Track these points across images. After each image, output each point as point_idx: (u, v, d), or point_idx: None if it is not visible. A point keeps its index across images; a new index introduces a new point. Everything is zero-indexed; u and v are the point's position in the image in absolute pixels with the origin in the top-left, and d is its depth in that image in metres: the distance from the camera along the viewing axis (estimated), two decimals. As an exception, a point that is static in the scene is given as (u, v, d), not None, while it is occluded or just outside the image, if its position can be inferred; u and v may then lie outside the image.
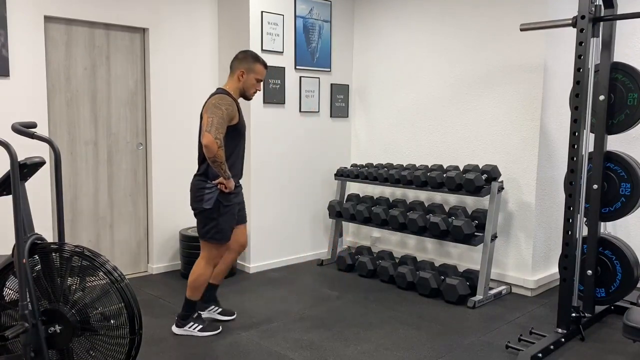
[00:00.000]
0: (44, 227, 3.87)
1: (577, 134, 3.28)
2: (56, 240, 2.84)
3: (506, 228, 4.36)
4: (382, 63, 5.21)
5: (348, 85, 5.45)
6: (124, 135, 4.53)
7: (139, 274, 4.70)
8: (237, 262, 4.86)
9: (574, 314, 3.38)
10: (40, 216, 3.58)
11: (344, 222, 5.33)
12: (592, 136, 3.51)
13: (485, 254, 4.08)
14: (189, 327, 3.42)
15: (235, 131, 3.25)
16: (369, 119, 5.38)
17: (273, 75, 4.75)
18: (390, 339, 3.40)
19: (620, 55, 3.81)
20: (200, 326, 3.43)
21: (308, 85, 5.05)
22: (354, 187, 5.40)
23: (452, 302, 4.05)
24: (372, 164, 5.06)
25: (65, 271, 2.46)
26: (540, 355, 3.09)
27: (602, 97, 3.52)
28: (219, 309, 3.65)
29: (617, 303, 3.78)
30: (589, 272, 3.62)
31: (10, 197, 2.38)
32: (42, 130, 3.66)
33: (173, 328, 3.46)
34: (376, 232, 5.34)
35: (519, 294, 4.29)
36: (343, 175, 5.11)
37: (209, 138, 3.02)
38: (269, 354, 3.18)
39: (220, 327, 3.51)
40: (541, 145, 4.15)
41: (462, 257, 4.69)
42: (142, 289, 4.27)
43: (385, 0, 5.14)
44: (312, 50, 5.06)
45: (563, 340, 3.31)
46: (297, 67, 4.95)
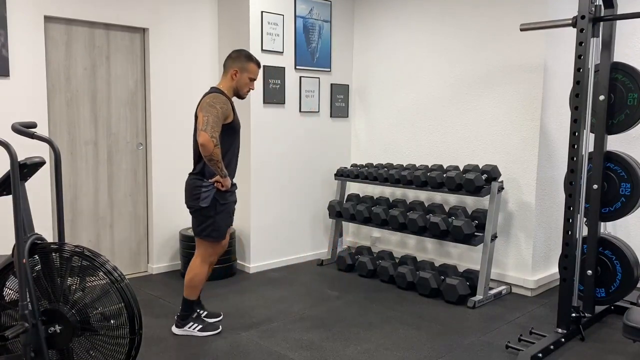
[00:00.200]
0: (44, 227, 3.87)
1: (577, 134, 3.28)
2: (56, 240, 2.84)
3: (506, 228, 4.36)
4: (382, 63, 5.21)
5: (348, 85, 5.45)
6: (124, 135, 4.53)
7: (139, 274, 4.70)
8: (237, 262, 4.86)
9: (574, 314, 3.38)
10: (40, 216, 3.58)
11: (344, 222, 5.33)
12: (592, 136, 3.51)
13: (485, 254, 4.08)
14: (189, 327, 3.42)
15: (230, 129, 3.27)
16: (369, 119, 5.38)
17: (273, 75, 4.75)
18: (390, 339, 3.40)
19: (620, 55, 3.81)
20: (200, 326, 3.43)
21: (308, 85, 5.05)
22: (354, 187, 5.40)
23: (452, 302, 4.05)
24: (372, 164, 5.06)
25: (65, 271, 2.46)
26: (540, 355, 3.09)
27: (602, 97, 3.52)
28: (205, 312, 3.62)
29: (617, 303, 3.78)
30: (589, 272, 3.62)
31: (10, 197, 2.38)
32: (42, 130, 3.66)
33: (173, 328, 3.46)
34: (376, 232, 5.34)
35: (519, 294, 4.29)
36: (343, 175, 5.11)
37: (205, 137, 3.03)
38: (269, 354, 3.18)
39: (220, 327, 3.51)
40: (541, 145, 4.15)
41: (462, 257, 4.69)
42: (142, 289, 4.27)
43: (385, 0, 5.14)
44: (312, 50, 5.06)
45: (563, 340, 3.31)
46: (297, 67, 4.95)
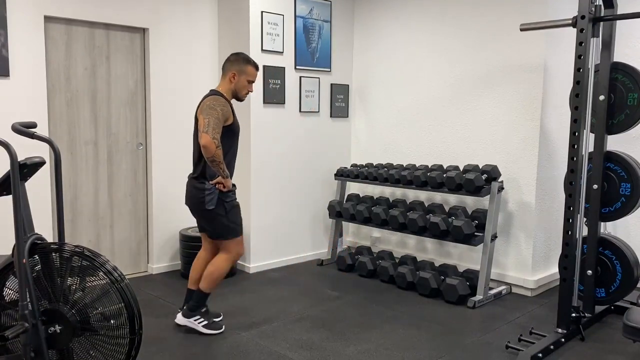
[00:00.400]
0: (44, 227, 3.87)
1: (577, 134, 3.28)
2: (56, 240, 2.84)
3: (506, 228, 4.36)
4: (382, 63, 5.21)
5: (348, 85, 5.45)
6: (124, 135, 4.53)
7: (139, 274, 4.70)
8: (237, 262, 4.86)
9: (574, 314, 3.38)
10: (40, 216, 3.57)
11: (344, 222, 5.33)
12: (592, 136, 3.51)
13: (485, 254, 4.08)
14: (195, 320, 3.42)
15: (229, 131, 3.30)
16: (369, 119, 5.38)
17: (273, 75, 4.75)
18: (390, 339, 3.40)
19: (620, 55, 3.81)
20: (205, 322, 3.43)
21: (308, 85, 5.05)
22: (354, 187, 5.40)
23: (452, 302, 4.05)
24: (372, 164, 5.06)
25: (65, 271, 2.46)
26: (540, 355, 3.09)
27: (602, 97, 3.52)
28: (204, 321, 3.54)
29: (617, 303, 3.78)
30: (589, 272, 3.62)
31: (10, 197, 2.38)
32: (42, 130, 3.66)
33: (178, 317, 3.46)
34: (376, 232, 5.34)
35: (519, 294, 4.29)
36: (343, 175, 5.11)
37: (206, 138, 3.06)
38: (269, 354, 3.18)
39: (224, 327, 3.51)
40: (541, 145, 4.15)
41: (462, 257, 4.69)
42: (142, 289, 4.27)
43: (385, 0, 5.14)
44: (312, 50, 5.06)
45: (563, 340, 3.31)
46: (297, 67, 4.95)
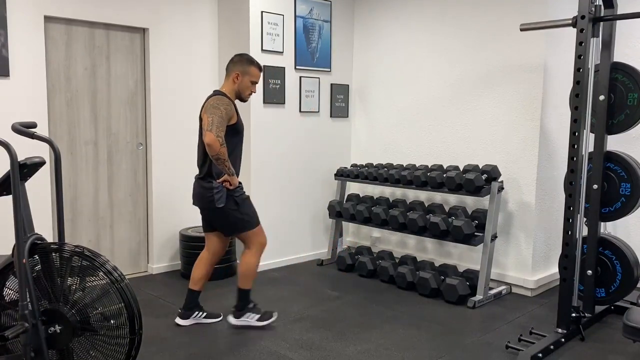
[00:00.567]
0: (44, 227, 3.87)
1: (577, 134, 3.28)
2: (56, 240, 2.84)
3: (506, 228, 4.36)
4: (382, 63, 5.21)
5: (348, 85, 5.45)
6: (124, 135, 4.53)
7: (139, 274, 4.70)
8: (237, 261, 4.85)
9: (574, 314, 3.38)
10: (40, 216, 3.57)
11: (344, 222, 5.32)
12: (592, 136, 3.51)
13: (485, 254, 4.08)
14: (247, 318, 3.50)
15: (234, 130, 3.33)
16: (369, 119, 5.38)
17: (273, 75, 4.75)
18: (390, 339, 3.40)
19: (620, 55, 3.81)
20: (258, 315, 3.52)
21: (308, 85, 5.05)
22: (354, 187, 5.39)
23: (452, 302, 4.05)
24: (372, 164, 5.06)
25: (65, 271, 2.46)
26: (540, 355, 3.09)
27: (602, 97, 3.52)
28: (204, 314, 3.61)
29: (617, 303, 3.78)
30: (589, 272, 3.62)
31: (10, 197, 2.38)
32: (42, 130, 3.66)
33: (230, 320, 3.52)
34: (376, 232, 5.34)
35: (519, 294, 4.29)
36: (343, 175, 5.11)
37: (210, 136, 3.10)
38: (269, 354, 3.18)
39: (276, 314, 3.56)
40: (541, 145, 4.15)
41: (462, 257, 4.69)
42: (142, 289, 4.27)
43: (385, 0, 5.14)
44: (312, 50, 5.06)
45: (563, 340, 3.31)
46: (297, 67, 4.95)
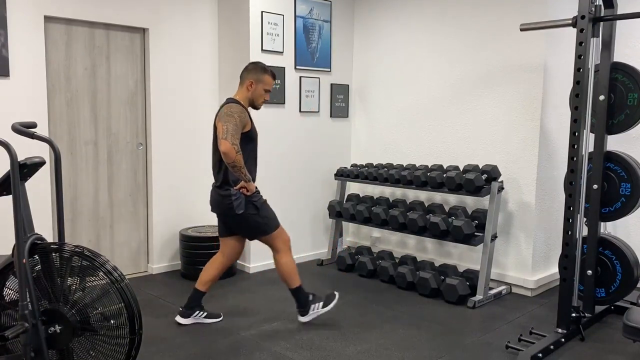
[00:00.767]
0: (44, 227, 3.87)
1: (577, 134, 3.28)
2: (56, 240, 2.84)
3: (506, 228, 4.36)
4: (382, 63, 5.21)
5: (348, 85, 5.45)
6: (124, 135, 4.53)
7: (139, 274, 4.70)
8: (237, 262, 4.86)
9: (574, 314, 3.38)
10: (40, 216, 3.58)
11: (344, 222, 5.33)
12: (592, 136, 3.51)
13: (485, 254, 4.08)
14: (313, 310, 3.59)
15: (248, 138, 3.37)
16: (369, 119, 5.38)
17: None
18: (390, 339, 3.40)
19: (620, 55, 3.81)
20: (321, 303, 3.61)
21: (308, 85, 5.05)
22: (354, 187, 5.39)
23: (452, 302, 4.05)
24: (372, 164, 5.06)
25: (65, 271, 2.46)
26: (540, 355, 3.09)
27: (602, 97, 3.52)
28: (204, 313, 3.63)
29: (617, 303, 3.78)
30: (589, 272, 3.62)
31: (10, 197, 2.38)
32: (42, 130, 3.66)
33: (300, 319, 3.60)
34: (376, 232, 5.34)
35: (519, 294, 4.29)
36: (343, 175, 5.11)
37: (226, 144, 3.13)
38: (269, 354, 3.18)
39: (337, 295, 3.65)
40: (541, 145, 4.15)
41: (462, 257, 4.68)
42: (142, 289, 4.27)
43: (385, 0, 5.14)
44: (312, 50, 5.06)
45: (563, 340, 3.31)
46: (297, 67, 4.95)
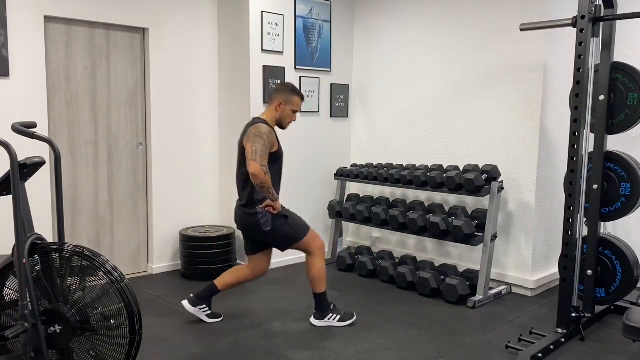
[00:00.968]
0: (44, 227, 3.87)
1: (577, 134, 3.28)
2: (56, 240, 2.84)
3: (506, 228, 4.36)
4: (382, 63, 5.21)
5: (348, 85, 5.45)
6: (124, 135, 4.53)
7: (139, 274, 4.70)
8: (237, 261, 4.86)
9: (574, 314, 3.38)
10: (40, 216, 3.57)
11: (344, 222, 5.33)
12: (592, 136, 3.51)
13: (485, 254, 4.08)
14: (329, 319, 3.61)
15: (274, 157, 3.43)
16: (369, 119, 5.38)
17: (273, 75, 4.75)
18: (390, 339, 3.40)
19: (620, 55, 3.81)
20: (339, 316, 3.62)
21: (308, 85, 5.05)
22: (354, 187, 5.39)
23: (452, 302, 4.05)
24: (372, 164, 5.06)
25: (65, 271, 2.46)
26: (540, 355, 3.09)
27: (602, 97, 3.52)
28: (209, 312, 3.64)
29: (617, 303, 3.78)
30: (589, 272, 3.62)
31: (10, 197, 2.38)
32: (42, 130, 3.66)
33: (312, 321, 3.64)
34: (376, 232, 5.34)
35: (519, 294, 4.29)
36: (343, 175, 5.11)
37: (255, 166, 3.18)
38: (269, 354, 3.18)
39: (355, 317, 3.65)
40: (541, 145, 4.15)
41: (462, 257, 4.68)
42: (142, 289, 4.27)
43: (385, 0, 5.14)
44: (312, 50, 5.06)
45: (563, 340, 3.31)
46: (297, 67, 4.95)
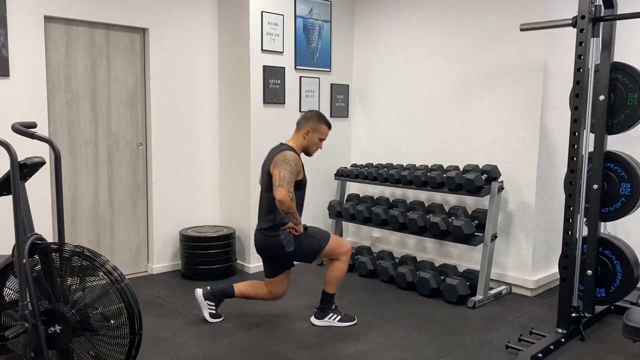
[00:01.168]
0: (44, 227, 3.86)
1: (577, 134, 3.28)
2: (56, 240, 2.84)
3: (506, 228, 4.36)
4: (382, 63, 5.21)
5: (348, 85, 5.45)
6: (124, 135, 4.53)
7: (139, 274, 4.70)
8: (237, 261, 4.87)
9: (574, 314, 3.38)
10: (40, 216, 3.57)
11: (344, 222, 5.33)
12: (592, 136, 3.51)
13: (485, 254, 4.08)
14: (329, 318, 3.64)
15: (299, 185, 3.45)
16: (369, 119, 5.38)
17: (273, 75, 4.75)
18: (390, 339, 3.40)
19: (620, 55, 3.81)
20: (339, 317, 3.65)
21: (308, 85, 5.05)
22: (354, 187, 5.39)
23: (452, 302, 4.05)
24: (372, 164, 5.06)
25: (65, 271, 2.46)
26: (540, 355, 3.09)
27: (602, 97, 3.52)
28: (214, 311, 3.65)
29: (617, 303, 3.78)
30: (589, 272, 3.62)
31: (10, 197, 2.38)
32: (42, 130, 3.66)
33: (312, 320, 3.66)
34: (376, 232, 5.34)
35: (519, 294, 4.29)
36: (343, 175, 5.11)
37: (282, 193, 3.20)
38: (269, 354, 3.18)
39: (356, 319, 3.66)
40: (541, 145, 4.15)
41: (462, 257, 4.68)
42: (142, 289, 4.27)
43: (385, 0, 5.14)
44: (312, 50, 5.06)
45: (563, 340, 3.31)
46: (297, 67, 4.95)
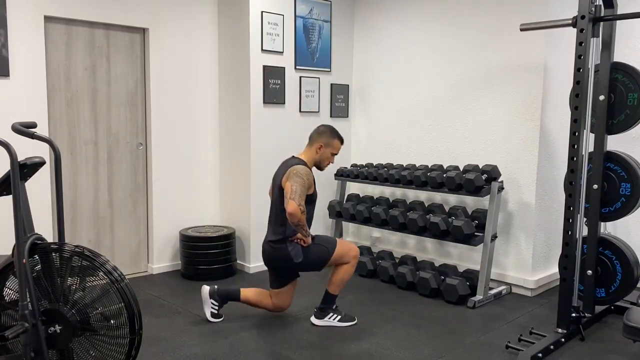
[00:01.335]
0: (44, 227, 3.87)
1: (577, 134, 3.28)
2: (56, 240, 2.84)
3: (506, 228, 4.36)
4: (382, 63, 5.21)
5: (348, 85, 5.45)
6: (124, 135, 4.53)
7: (139, 274, 4.70)
8: (237, 261, 4.87)
9: (574, 314, 3.38)
10: (40, 216, 3.58)
11: (344, 222, 5.33)
12: (592, 136, 3.51)
13: (485, 254, 4.08)
14: (329, 318, 3.65)
15: (309, 199, 3.48)
16: (369, 119, 5.38)
17: (273, 75, 4.75)
18: (390, 339, 3.41)
19: (620, 55, 3.81)
20: (339, 317, 3.66)
21: (308, 85, 5.05)
22: (354, 187, 5.39)
23: (452, 302, 4.05)
24: (372, 164, 5.06)
25: (65, 271, 2.46)
26: (540, 355, 3.09)
27: (602, 97, 3.52)
28: (216, 311, 3.66)
29: (617, 303, 3.78)
30: (589, 272, 3.62)
31: (10, 197, 2.38)
32: (42, 130, 3.67)
33: (312, 320, 3.67)
34: (376, 232, 5.34)
35: (519, 294, 4.29)
36: (343, 175, 5.11)
37: (293, 206, 3.23)
38: (269, 354, 3.18)
39: (356, 319, 3.67)
40: (541, 145, 4.15)
41: (462, 257, 4.69)
42: (142, 289, 4.27)
43: (385, 0, 5.14)
44: (312, 50, 5.06)
45: (563, 340, 3.31)
46: (297, 67, 4.95)
